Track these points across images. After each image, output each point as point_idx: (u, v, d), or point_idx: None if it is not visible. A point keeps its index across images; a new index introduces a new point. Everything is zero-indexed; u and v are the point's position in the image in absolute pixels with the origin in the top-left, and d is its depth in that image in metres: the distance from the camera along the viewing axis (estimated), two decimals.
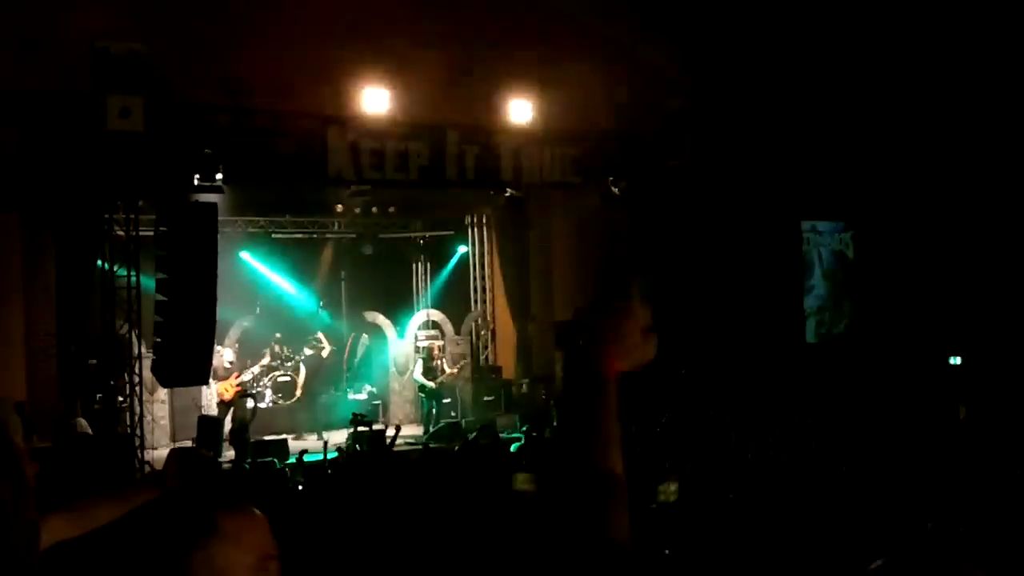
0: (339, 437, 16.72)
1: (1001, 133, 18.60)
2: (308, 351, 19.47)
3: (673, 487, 9.15)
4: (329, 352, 19.78)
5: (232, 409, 17.25)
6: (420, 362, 19.34)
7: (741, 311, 19.32)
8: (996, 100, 18.22)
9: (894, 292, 21.16)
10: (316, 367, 19.47)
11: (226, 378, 17.37)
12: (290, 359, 19.24)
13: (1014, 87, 17.76)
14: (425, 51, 16.12)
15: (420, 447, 17.04)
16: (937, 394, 16.88)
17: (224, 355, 17.74)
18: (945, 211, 19.68)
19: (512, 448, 15.15)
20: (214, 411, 17.27)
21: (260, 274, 19.70)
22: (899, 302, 21.10)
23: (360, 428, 15.91)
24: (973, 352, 19.75)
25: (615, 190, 18.53)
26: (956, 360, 20.29)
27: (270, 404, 18.86)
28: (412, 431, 19.26)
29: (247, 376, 18.21)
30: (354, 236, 20.23)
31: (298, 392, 19.21)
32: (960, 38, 17.39)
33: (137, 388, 15.34)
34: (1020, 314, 18.98)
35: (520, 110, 16.82)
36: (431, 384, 18.96)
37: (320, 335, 19.77)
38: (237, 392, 17.47)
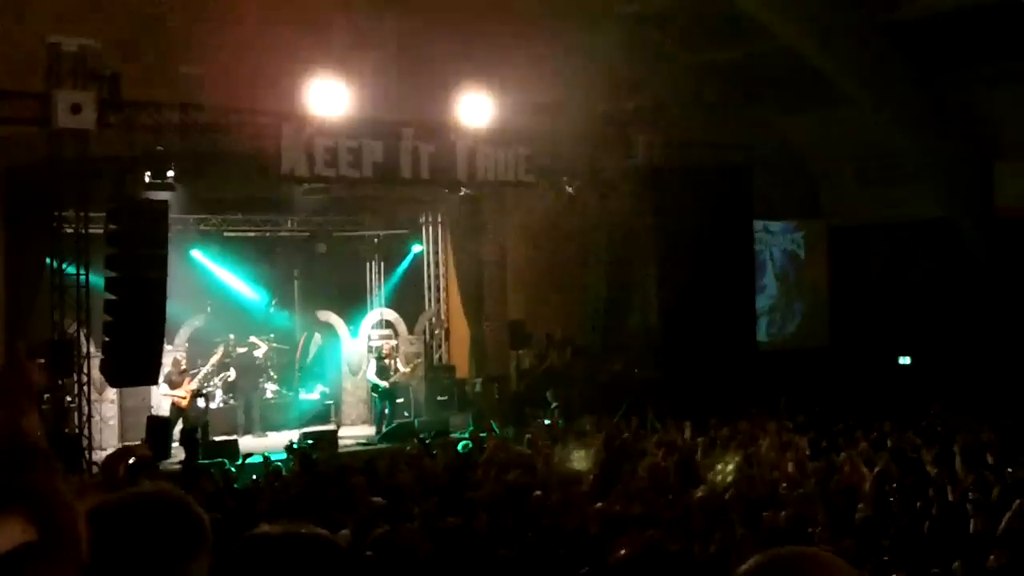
0: (290, 437, 16.59)
1: None
2: (241, 350, 19.02)
3: (731, 467, 8.91)
4: (265, 352, 19.39)
5: (184, 411, 17.02)
6: (373, 362, 19.19)
7: (694, 310, 19.43)
8: None
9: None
10: (247, 366, 19.07)
11: (180, 384, 17.06)
12: (230, 357, 18.84)
13: None
14: (380, 49, 16.06)
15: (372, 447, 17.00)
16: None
17: (179, 360, 17.45)
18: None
19: (459, 448, 15.08)
20: (164, 412, 17.02)
21: (212, 273, 19.44)
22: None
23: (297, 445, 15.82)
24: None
25: (569, 190, 18.58)
26: (905, 360, 20.59)
27: (220, 404, 18.66)
28: (365, 431, 19.16)
29: (200, 375, 17.97)
30: (307, 234, 20.06)
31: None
32: None
33: (85, 388, 15.12)
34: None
35: (475, 109, 16.78)
36: (384, 384, 18.81)
37: (253, 338, 19.29)
38: (192, 394, 17.25)
